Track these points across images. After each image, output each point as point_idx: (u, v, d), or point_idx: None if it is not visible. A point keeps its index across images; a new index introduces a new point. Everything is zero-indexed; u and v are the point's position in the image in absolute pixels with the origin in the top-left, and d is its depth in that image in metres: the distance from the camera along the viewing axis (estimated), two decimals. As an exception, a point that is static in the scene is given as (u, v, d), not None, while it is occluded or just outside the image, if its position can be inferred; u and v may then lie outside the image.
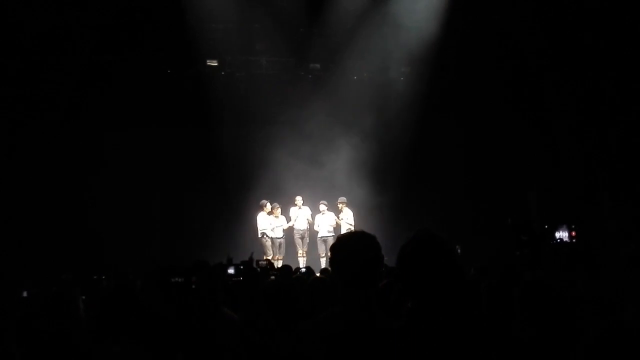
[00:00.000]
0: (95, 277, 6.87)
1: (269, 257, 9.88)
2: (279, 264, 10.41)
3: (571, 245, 9.04)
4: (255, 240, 10.49)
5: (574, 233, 9.26)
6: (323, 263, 10.40)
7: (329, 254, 9.22)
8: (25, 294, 4.97)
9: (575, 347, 1.76)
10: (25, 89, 9.69)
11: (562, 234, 9.47)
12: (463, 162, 11.54)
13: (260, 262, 4.63)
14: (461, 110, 11.41)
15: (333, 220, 10.65)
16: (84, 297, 3.07)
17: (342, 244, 2.10)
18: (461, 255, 8.13)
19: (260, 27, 11.41)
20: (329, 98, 11.58)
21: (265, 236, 10.47)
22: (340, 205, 10.67)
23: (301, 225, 10.74)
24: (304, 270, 6.39)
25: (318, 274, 5.76)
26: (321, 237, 10.70)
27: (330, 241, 10.52)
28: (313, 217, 10.77)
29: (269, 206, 10.57)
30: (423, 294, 1.76)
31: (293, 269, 6.28)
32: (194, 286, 2.87)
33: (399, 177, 11.51)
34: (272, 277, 4.86)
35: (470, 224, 10.67)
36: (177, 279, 2.81)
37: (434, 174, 11.53)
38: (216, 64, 11.82)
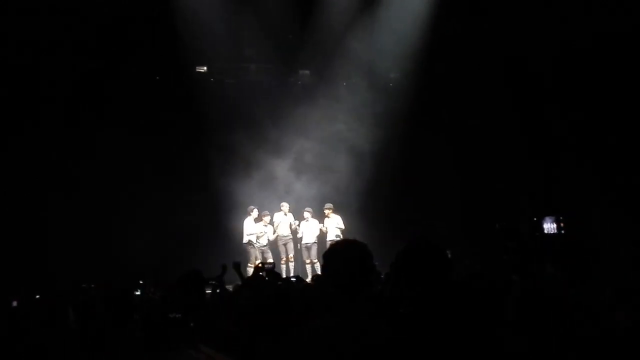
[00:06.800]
0: (84, 285, 6.79)
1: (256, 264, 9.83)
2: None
3: (560, 237, 8.97)
4: (239, 246, 10.46)
5: (562, 224, 9.18)
6: (308, 269, 10.42)
7: (313, 260, 9.24)
8: (14, 303, 4.88)
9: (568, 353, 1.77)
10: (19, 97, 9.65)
11: (549, 226, 9.38)
12: (453, 167, 11.58)
13: (266, 265, 4.59)
14: (450, 115, 11.49)
15: (317, 227, 10.65)
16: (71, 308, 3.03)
17: (335, 252, 2.12)
18: (451, 260, 8.11)
19: (249, 34, 11.40)
20: (319, 104, 11.59)
21: (250, 243, 10.45)
22: (327, 211, 10.68)
23: (284, 231, 10.71)
24: (294, 279, 6.38)
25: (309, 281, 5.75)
26: (305, 243, 10.69)
27: (314, 248, 10.56)
28: (297, 224, 10.75)
29: (256, 212, 10.56)
30: (418, 297, 1.78)
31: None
32: (191, 324, 2.78)
33: (389, 183, 11.52)
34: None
35: (459, 230, 10.70)
36: (175, 315, 2.71)
37: (423, 179, 11.57)
38: (205, 70, 11.81)
